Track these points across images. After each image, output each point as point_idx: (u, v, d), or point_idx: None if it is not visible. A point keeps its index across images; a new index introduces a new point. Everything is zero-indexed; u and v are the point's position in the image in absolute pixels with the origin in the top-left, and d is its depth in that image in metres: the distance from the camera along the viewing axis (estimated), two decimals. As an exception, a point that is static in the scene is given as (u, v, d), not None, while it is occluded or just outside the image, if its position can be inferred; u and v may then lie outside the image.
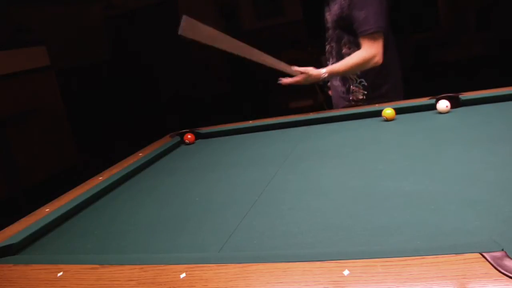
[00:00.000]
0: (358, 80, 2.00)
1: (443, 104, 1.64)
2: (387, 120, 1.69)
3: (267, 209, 1.11)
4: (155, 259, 0.89)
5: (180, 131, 2.04)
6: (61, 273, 0.90)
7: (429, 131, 1.52)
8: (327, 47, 2.11)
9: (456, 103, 1.68)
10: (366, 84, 1.99)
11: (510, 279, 0.62)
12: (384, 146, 1.44)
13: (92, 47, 7.54)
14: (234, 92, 7.64)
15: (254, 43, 1.74)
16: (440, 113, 1.65)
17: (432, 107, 1.70)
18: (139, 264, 0.86)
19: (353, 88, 2.02)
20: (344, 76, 2.03)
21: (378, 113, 1.74)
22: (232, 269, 0.78)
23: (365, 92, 2.00)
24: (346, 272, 0.71)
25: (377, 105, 1.86)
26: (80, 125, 5.87)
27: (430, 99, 1.77)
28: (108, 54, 8.07)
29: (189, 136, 1.96)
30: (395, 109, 1.70)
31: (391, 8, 1.94)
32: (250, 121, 2.02)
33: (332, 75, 1.99)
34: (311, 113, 1.94)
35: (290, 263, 0.76)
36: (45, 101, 5.12)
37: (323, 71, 1.93)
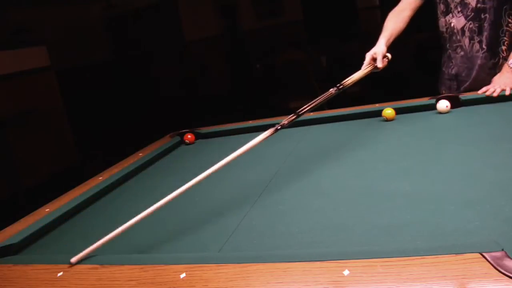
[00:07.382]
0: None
1: (443, 104, 1.64)
2: (387, 120, 1.69)
3: (267, 209, 1.11)
4: (155, 259, 0.89)
5: (180, 131, 2.04)
6: (61, 273, 0.90)
7: (429, 131, 1.52)
8: (464, 25, 1.80)
9: (456, 103, 1.68)
10: None
11: (510, 279, 0.62)
12: (384, 146, 1.44)
13: (92, 47, 7.54)
14: (234, 92, 7.64)
15: (254, 43, 1.73)
16: (440, 113, 1.65)
17: (432, 107, 1.70)
18: (139, 264, 0.86)
19: (502, 61, 1.78)
20: (494, 50, 1.78)
21: (378, 113, 1.74)
22: (232, 269, 0.78)
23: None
24: (346, 272, 0.71)
25: (377, 105, 1.85)
26: (80, 125, 5.87)
27: (430, 99, 1.76)
28: (108, 54, 8.07)
29: (189, 136, 1.96)
30: (395, 109, 1.70)
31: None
32: (250, 121, 2.02)
33: None
34: (311, 113, 1.93)
35: (290, 263, 0.76)
36: (45, 101, 5.12)
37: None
